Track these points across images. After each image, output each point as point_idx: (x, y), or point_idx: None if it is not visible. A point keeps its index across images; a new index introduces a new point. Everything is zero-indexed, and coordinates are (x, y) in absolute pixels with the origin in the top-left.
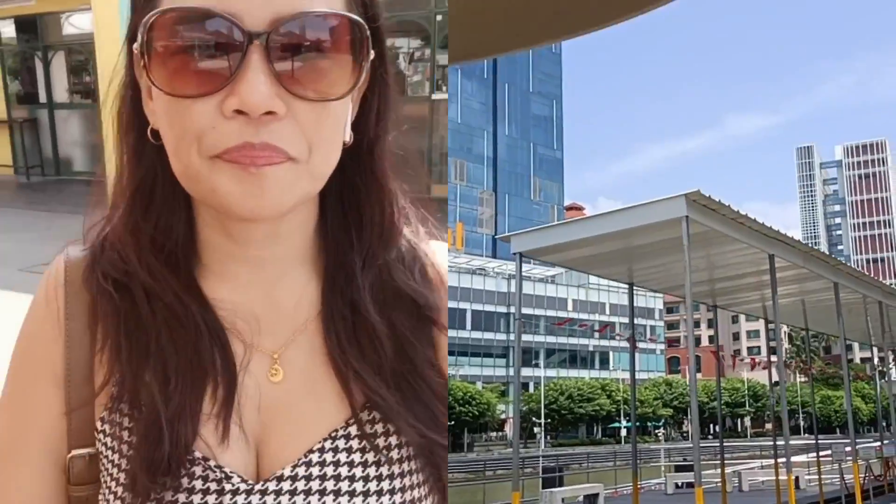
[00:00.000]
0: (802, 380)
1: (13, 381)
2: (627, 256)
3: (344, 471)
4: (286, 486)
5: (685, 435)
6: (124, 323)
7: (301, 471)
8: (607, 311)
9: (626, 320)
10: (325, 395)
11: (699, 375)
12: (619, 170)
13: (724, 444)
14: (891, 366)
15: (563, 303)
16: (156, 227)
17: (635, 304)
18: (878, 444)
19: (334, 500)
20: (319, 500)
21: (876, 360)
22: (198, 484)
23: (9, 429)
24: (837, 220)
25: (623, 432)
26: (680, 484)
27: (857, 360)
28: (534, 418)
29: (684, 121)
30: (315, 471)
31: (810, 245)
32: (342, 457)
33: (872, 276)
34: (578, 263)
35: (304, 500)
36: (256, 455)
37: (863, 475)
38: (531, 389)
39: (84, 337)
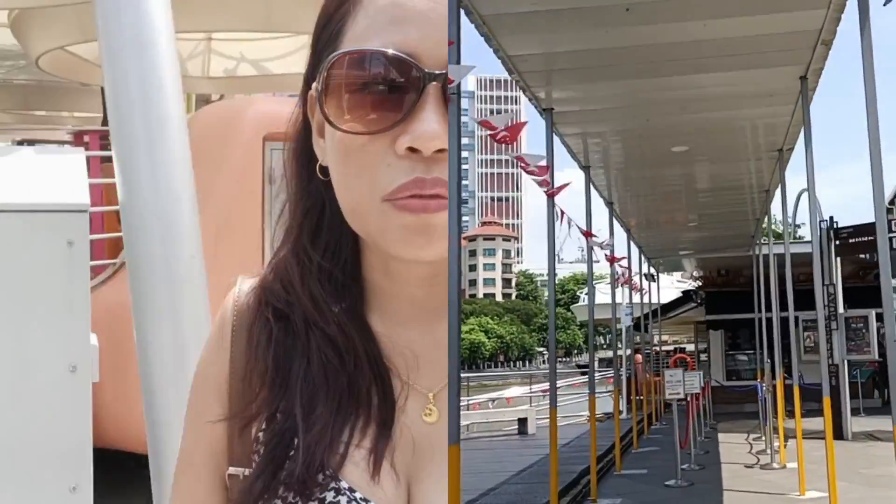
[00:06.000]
0: None
1: (192, 398)
2: None
3: None
4: None
5: None
6: (274, 350)
7: None
8: None
9: None
10: None
11: None
12: None
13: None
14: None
15: None
16: (323, 254)
17: None
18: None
19: None
20: None
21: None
22: None
23: (188, 443)
24: (465, 154)
25: None
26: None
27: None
28: None
29: None
30: None
31: None
32: None
33: (495, 215)
34: None
35: None
36: (407, 494)
37: None
38: None
39: (242, 362)
